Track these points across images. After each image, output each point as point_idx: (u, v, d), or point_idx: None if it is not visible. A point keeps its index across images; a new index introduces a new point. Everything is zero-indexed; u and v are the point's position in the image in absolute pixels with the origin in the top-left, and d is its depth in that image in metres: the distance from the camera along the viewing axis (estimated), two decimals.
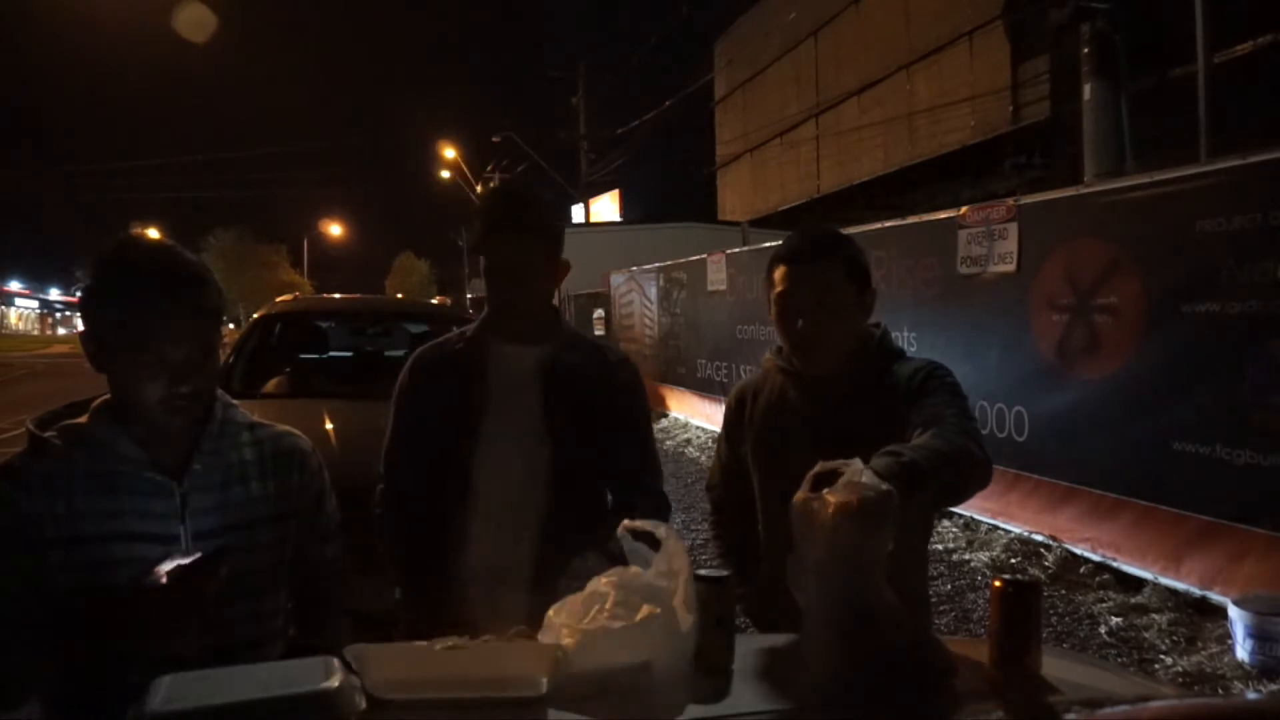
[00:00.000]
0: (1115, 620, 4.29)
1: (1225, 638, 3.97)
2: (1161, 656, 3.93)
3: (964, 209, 6.13)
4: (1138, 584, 4.63)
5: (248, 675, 1.00)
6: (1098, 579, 4.80)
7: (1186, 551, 4.47)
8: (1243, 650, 3.80)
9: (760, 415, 1.90)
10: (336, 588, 1.69)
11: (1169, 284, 4.57)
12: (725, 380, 9.96)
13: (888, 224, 7.15)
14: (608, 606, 1.17)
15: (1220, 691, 3.66)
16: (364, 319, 6.08)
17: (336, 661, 1.03)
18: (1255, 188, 4.21)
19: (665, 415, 11.87)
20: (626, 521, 1.27)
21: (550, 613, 1.25)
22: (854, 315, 1.80)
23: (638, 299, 13.19)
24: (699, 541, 5.99)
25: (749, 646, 1.27)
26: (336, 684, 0.95)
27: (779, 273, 1.79)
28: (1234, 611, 3.87)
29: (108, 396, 1.46)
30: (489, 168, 33.51)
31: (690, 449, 9.74)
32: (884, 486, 1.26)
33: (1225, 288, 4.27)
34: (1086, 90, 8.43)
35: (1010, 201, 5.74)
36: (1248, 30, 9.88)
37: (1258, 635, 3.74)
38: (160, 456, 1.44)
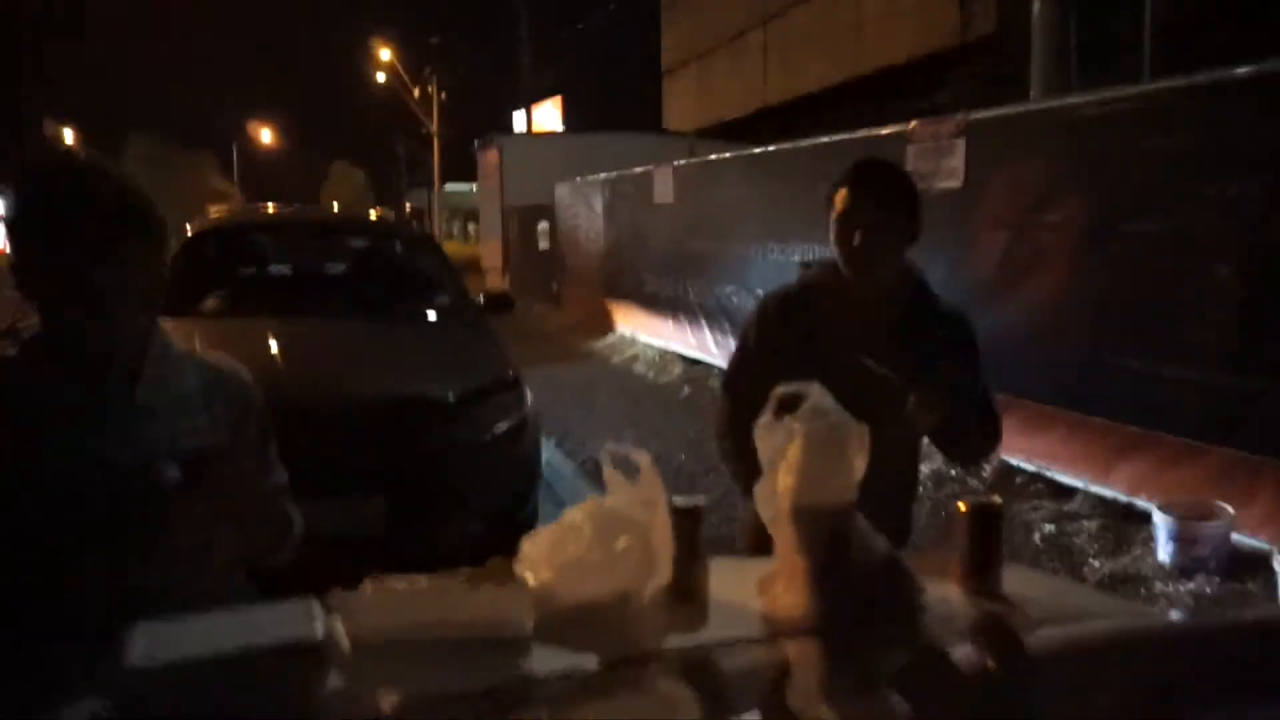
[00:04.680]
0: (1048, 528, 4.49)
1: (1149, 541, 4.19)
2: (1090, 560, 4.15)
3: (913, 123, 6.11)
4: (1070, 492, 4.84)
5: (227, 623, 0.99)
6: (1032, 488, 5.00)
7: (1116, 460, 4.67)
8: (1164, 553, 4.02)
9: (807, 326, 2.03)
10: (284, 511, 1.66)
11: (1111, 201, 4.65)
12: (673, 295, 9.94)
13: (836, 138, 7.10)
14: (585, 538, 1.18)
15: (1142, 591, 3.89)
16: (305, 233, 5.90)
17: (317, 605, 1.02)
18: (1195, 108, 4.27)
19: (612, 331, 11.86)
20: (610, 446, 1.27)
21: (525, 545, 1.26)
22: (904, 238, 2.00)
23: (583, 211, 13.00)
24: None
25: (725, 573, 1.29)
26: (322, 632, 0.94)
27: (840, 195, 1.98)
28: (1158, 516, 4.08)
29: (36, 324, 1.40)
30: (427, 70, 32.34)
31: (637, 365, 9.78)
32: (847, 415, 1.29)
33: (1164, 207, 4.36)
34: (1035, 5, 8.39)
35: (960, 117, 5.74)
36: None
37: (1179, 539, 3.96)
38: (102, 387, 1.39)
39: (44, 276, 1.32)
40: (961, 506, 1.30)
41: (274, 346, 3.88)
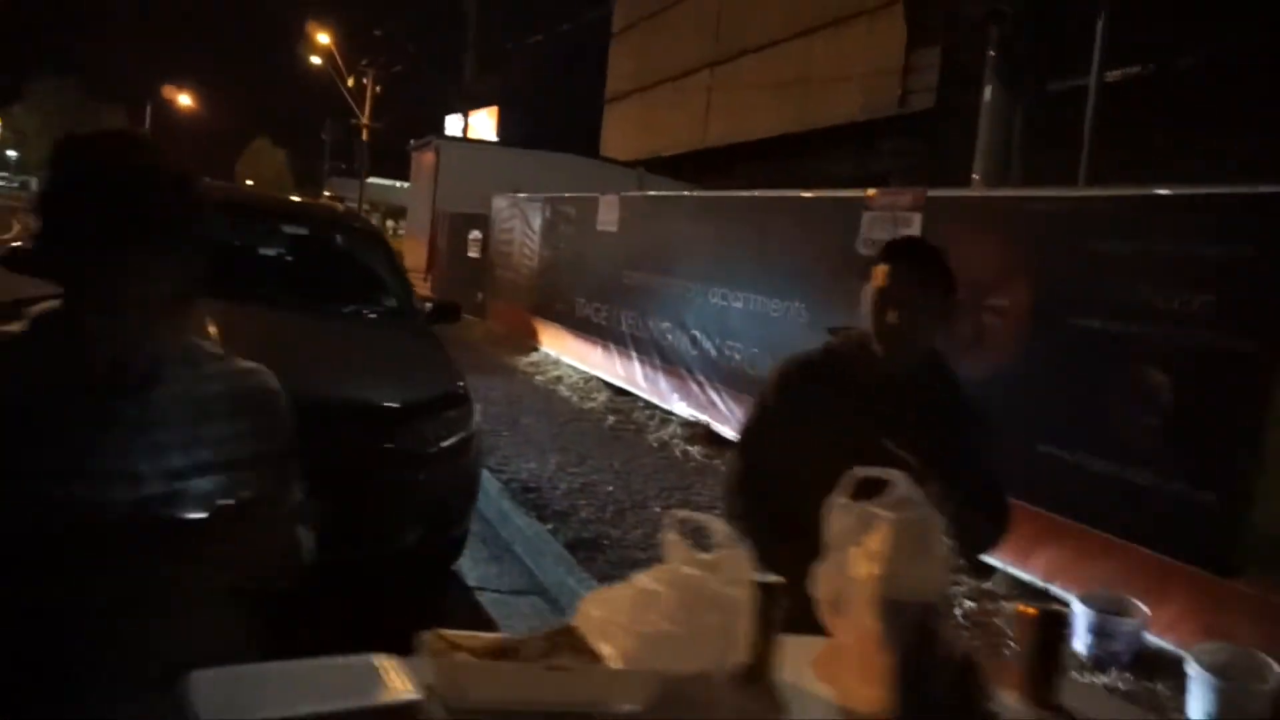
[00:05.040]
0: (970, 604, 4.57)
1: None
2: (1010, 642, 4.23)
3: (871, 191, 6.25)
4: (988, 571, 4.95)
5: (296, 678, 0.87)
6: (953, 562, 5.09)
7: (1036, 546, 4.80)
8: (1081, 643, 4.13)
9: (829, 395, 2.02)
10: (294, 536, 1.53)
11: (1057, 295, 4.82)
12: (604, 322, 9.88)
13: (791, 193, 7.21)
14: (668, 609, 1.10)
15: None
16: (253, 215, 5.59)
17: (388, 660, 0.91)
18: (1145, 217, 4.48)
19: (536, 349, 11.71)
20: (681, 513, 1.20)
21: (588, 604, 1.17)
22: (939, 319, 2.02)
23: (519, 226, 12.85)
24: (575, 486, 5.96)
25: (788, 653, 1.22)
26: (419, 696, 0.84)
27: (881, 270, 1.98)
28: (1077, 607, 4.19)
29: (54, 305, 1.24)
30: (364, 62, 31.61)
31: (561, 388, 9.65)
32: (932, 506, 1.26)
33: (1106, 307, 4.55)
34: (987, 92, 8.74)
35: (919, 191, 5.90)
36: (1140, 56, 10.37)
37: (1097, 631, 4.07)
38: (117, 382, 1.23)
39: (71, 258, 1.17)
40: (1029, 611, 1.28)
41: (212, 330, 3.64)
